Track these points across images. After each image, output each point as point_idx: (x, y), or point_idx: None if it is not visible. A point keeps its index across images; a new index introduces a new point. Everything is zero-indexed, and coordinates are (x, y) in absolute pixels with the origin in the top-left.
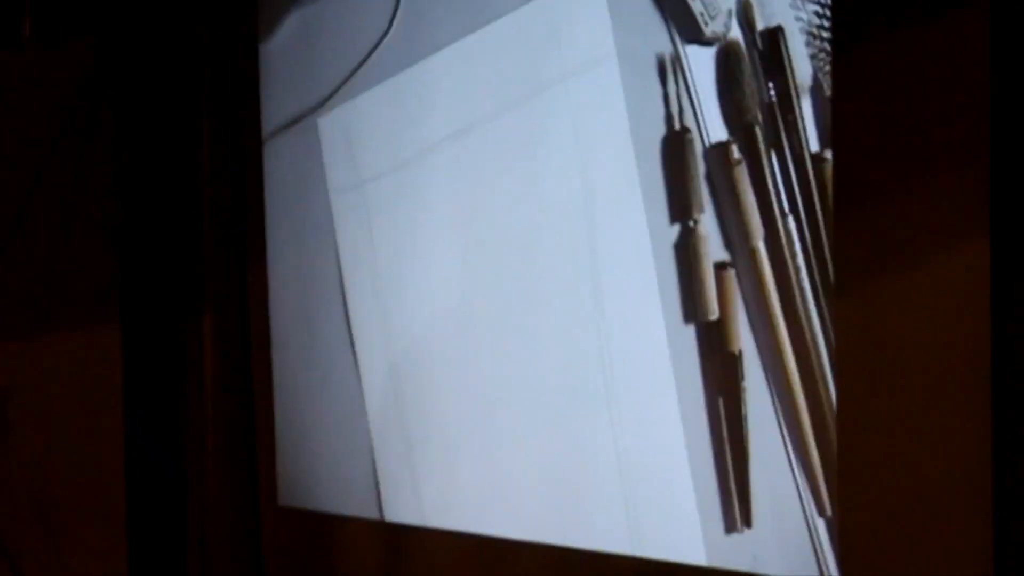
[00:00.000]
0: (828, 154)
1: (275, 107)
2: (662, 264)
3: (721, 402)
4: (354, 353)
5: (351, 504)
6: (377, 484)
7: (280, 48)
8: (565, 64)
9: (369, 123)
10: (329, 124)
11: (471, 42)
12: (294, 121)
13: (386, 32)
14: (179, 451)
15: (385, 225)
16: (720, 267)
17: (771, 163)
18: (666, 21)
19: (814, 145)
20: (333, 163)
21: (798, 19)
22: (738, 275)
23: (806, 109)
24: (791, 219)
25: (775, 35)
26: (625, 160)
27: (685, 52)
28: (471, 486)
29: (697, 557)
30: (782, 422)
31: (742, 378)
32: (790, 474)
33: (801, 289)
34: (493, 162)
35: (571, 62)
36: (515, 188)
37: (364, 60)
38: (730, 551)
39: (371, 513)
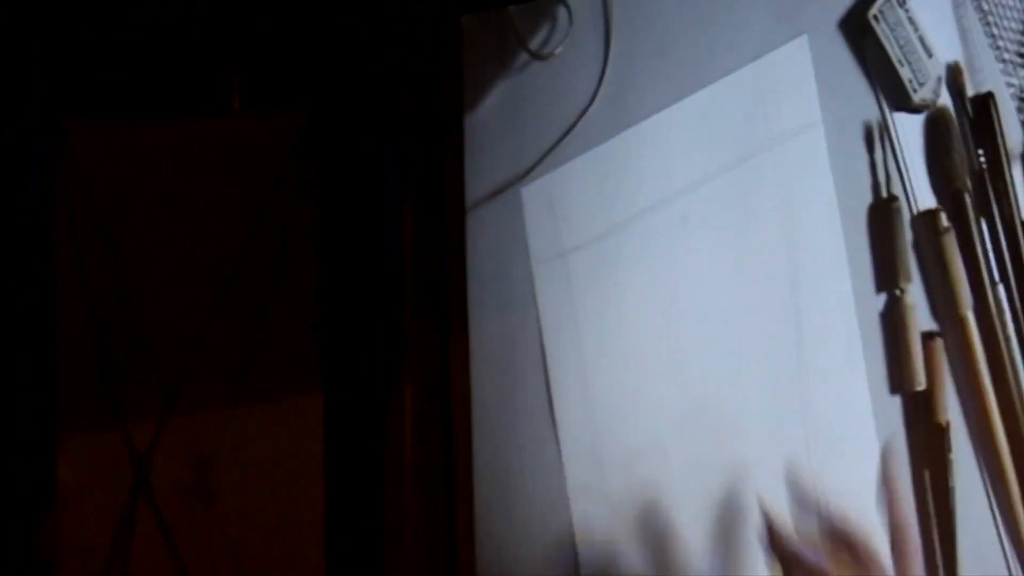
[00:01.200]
0: None
1: (479, 176)
2: (868, 334)
3: (927, 474)
4: (555, 426)
5: None
6: (578, 567)
7: (485, 117)
8: (771, 132)
9: (573, 192)
10: (532, 193)
11: (675, 111)
12: (498, 191)
13: (591, 102)
14: (379, 524)
15: (588, 295)
16: (928, 336)
17: (980, 230)
18: (874, 88)
19: None
20: (536, 232)
21: (1010, 85)
22: (946, 345)
23: (1017, 175)
24: (1001, 287)
25: (986, 101)
26: (831, 229)
27: (893, 119)
28: (671, 560)
29: None
30: (991, 496)
31: (949, 450)
32: (1000, 550)
33: (1011, 359)
34: (697, 231)
35: (777, 130)
36: (719, 257)
37: (568, 131)
38: None
39: None
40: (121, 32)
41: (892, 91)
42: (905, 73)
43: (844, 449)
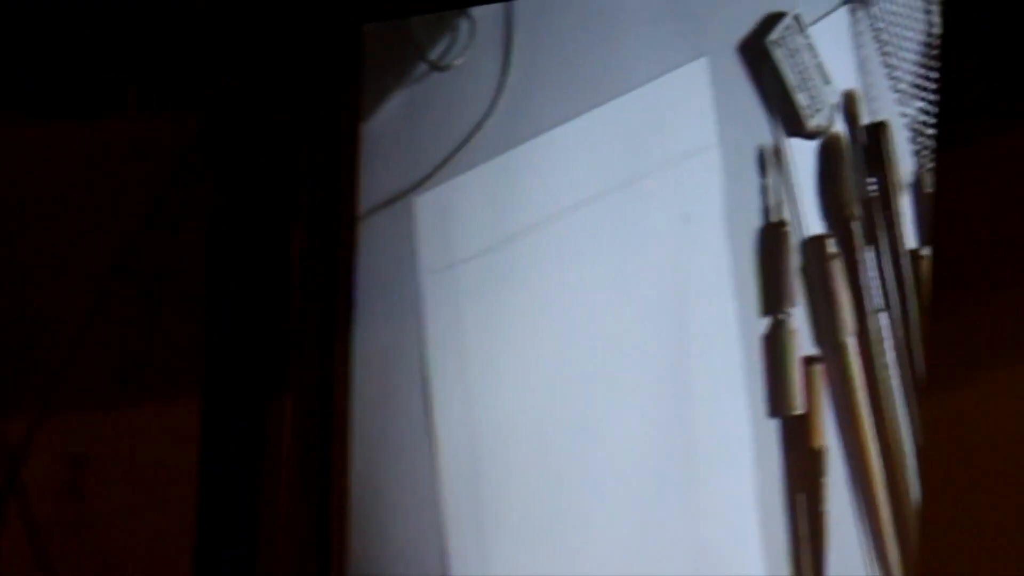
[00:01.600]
0: (925, 251)
1: (373, 184)
2: (750, 356)
3: (801, 498)
4: (432, 434)
5: None
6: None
7: (382, 126)
8: (666, 152)
9: (466, 204)
10: (425, 203)
11: (571, 128)
12: (391, 200)
13: (488, 114)
14: (251, 528)
15: (474, 307)
16: (808, 361)
17: (866, 258)
18: (770, 113)
19: (912, 241)
20: (427, 243)
21: (903, 115)
22: (826, 370)
23: (906, 205)
24: (884, 315)
25: (879, 130)
26: (719, 251)
27: (787, 144)
28: (544, 572)
29: None
30: (862, 520)
31: (823, 474)
32: (867, 573)
33: (889, 386)
34: (587, 248)
35: (672, 151)
36: (608, 274)
37: (464, 142)
38: None
39: None
40: (14, 29)
41: (788, 116)
42: (802, 99)
43: (721, 470)
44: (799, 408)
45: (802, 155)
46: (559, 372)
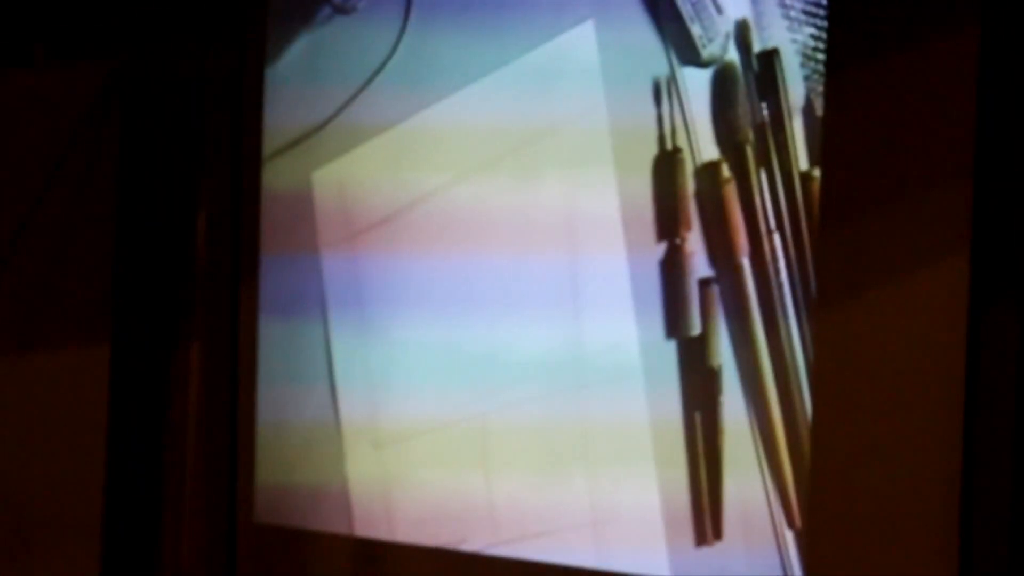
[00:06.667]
0: (817, 172)
1: (276, 128)
2: (646, 282)
3: (698, 416)
4: (332, 376)
5: (326, 523)
6: (350, 502)
7: (286, 69)
8: (555, 112)
9: (362, 177)
10: (322, 178)
11: (463, 96)
12: (294, 142)
13: (390, 56)
14: (158, 470)
15: (374, 274)
16: (704, 283)
17: (760, 181)
18: (664, 44)
19: (804, 164)
20: (326, 217)
21: (794, 41)
22: (722, 291)
23: (798, 129)
24: (777, 236)
25: (771, 57)
26: (607, 184)
27: (682, 74)
28: (441, 499)
29: (663, 571)
30: (757, 435)
31: (720, 392)
32: (762, 487)
33: (783, 305)
34: (481, 211)
35: (560, 113)
36: (503, 232)
37: (366, 84)
38: (698, 564)
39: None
40: None
41: (683, 47)
42: (696, 30)
43: (613, 394)
44: (696, 329)
45: (697, 84)
46: (455, 318)
